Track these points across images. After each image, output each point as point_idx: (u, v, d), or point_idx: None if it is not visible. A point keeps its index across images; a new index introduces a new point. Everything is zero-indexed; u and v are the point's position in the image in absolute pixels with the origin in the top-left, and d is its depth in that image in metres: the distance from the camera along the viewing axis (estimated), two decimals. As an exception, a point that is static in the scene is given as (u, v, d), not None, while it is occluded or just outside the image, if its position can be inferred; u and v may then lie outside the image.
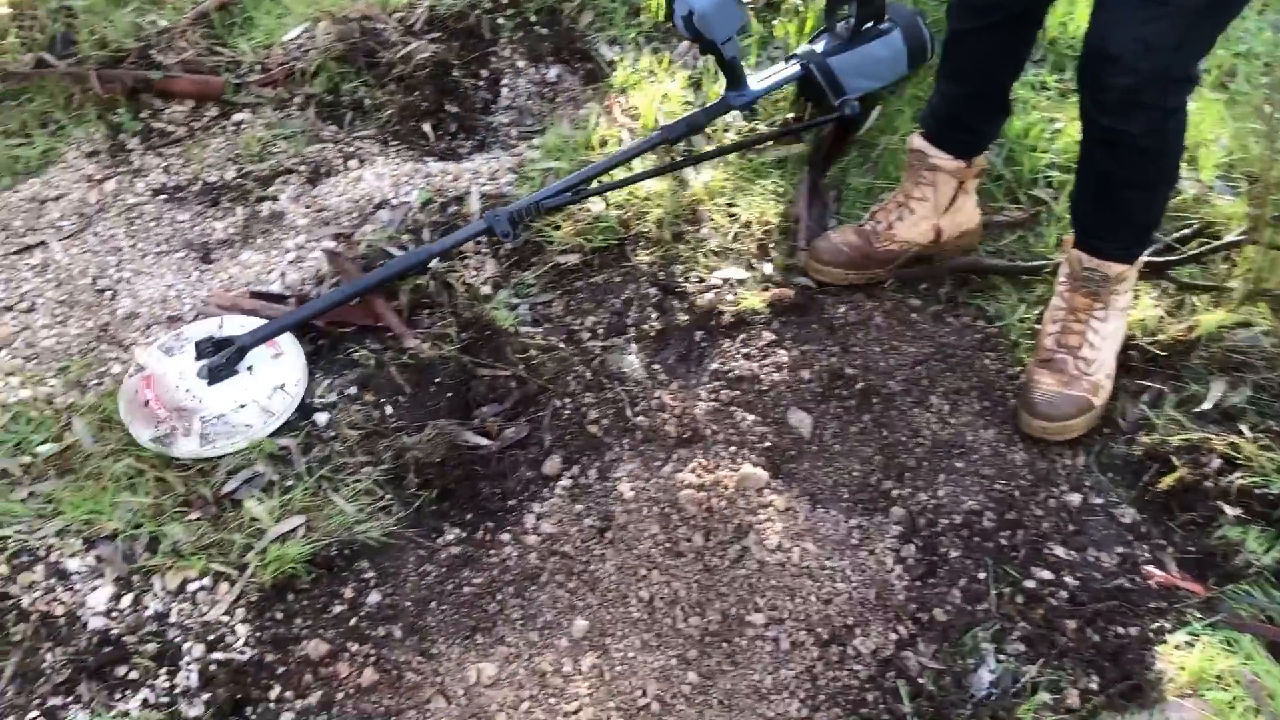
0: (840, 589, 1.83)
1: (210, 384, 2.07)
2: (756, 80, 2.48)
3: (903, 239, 2.26)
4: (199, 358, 2.10)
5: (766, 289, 2.27)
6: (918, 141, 2.22)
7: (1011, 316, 2.22)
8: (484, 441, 2.07)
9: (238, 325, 2.19)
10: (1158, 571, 1.82)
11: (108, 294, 2.41)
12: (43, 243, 2.53)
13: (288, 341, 2.18)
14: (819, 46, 2.55)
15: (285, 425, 2.09)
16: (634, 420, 2.08)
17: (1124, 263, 1.98)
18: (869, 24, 2.53)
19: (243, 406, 2.06)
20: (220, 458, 2.02)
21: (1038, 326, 2.20)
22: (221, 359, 2.08)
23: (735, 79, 2.39)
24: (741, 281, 2.31)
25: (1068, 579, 1.80)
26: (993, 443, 2.00)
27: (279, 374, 2.12)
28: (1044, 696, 1.65)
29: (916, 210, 2.25)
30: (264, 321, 2.18)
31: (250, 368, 2.11)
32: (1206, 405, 2.01)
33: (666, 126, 2.41)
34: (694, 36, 2.23)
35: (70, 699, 1.70)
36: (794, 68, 2.53)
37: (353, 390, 2.16)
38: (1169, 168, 1.90)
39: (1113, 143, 1.84)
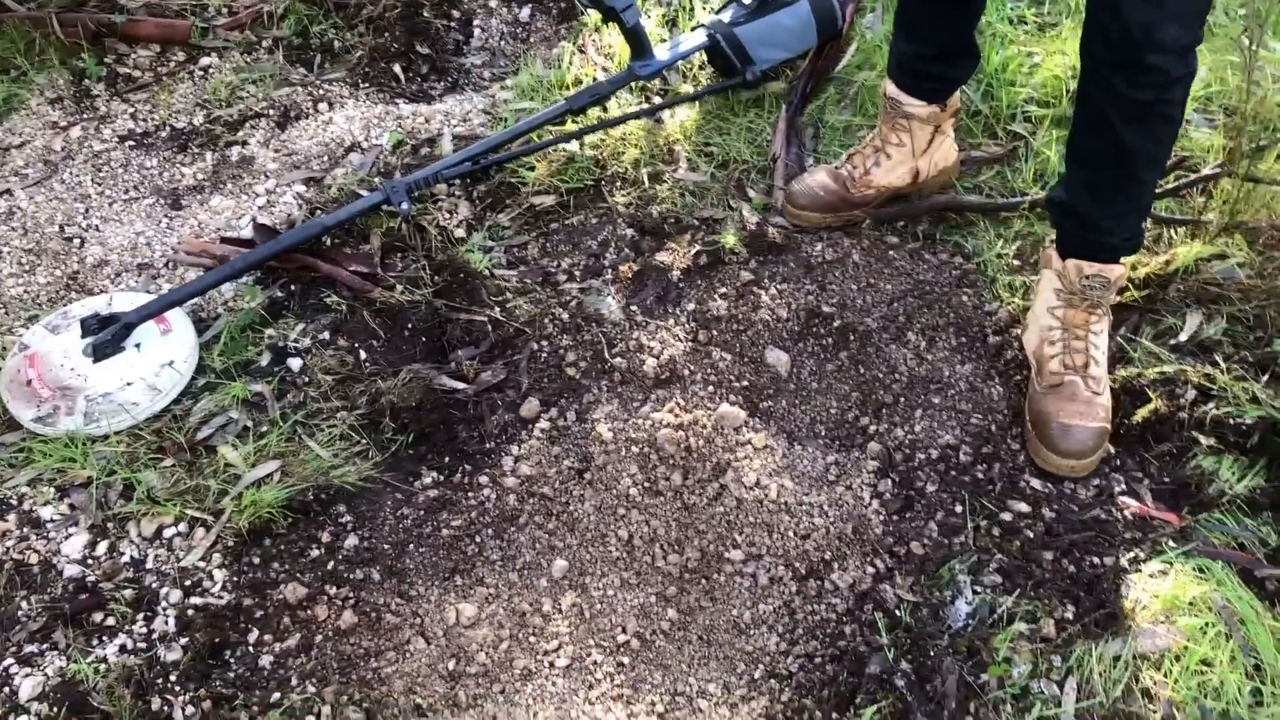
0: (818, 524, 1.84)
1: (95, 361, 2.01)
2: (664, 50, 2.47)
3: (880, 184, 2.24)
4: (84, 335, 2.03)
5: (744, 229, 2.26)
6: (891, 89, 2.19)
7: (989, 253, 2.21)
8: (460, 385, 2.05)
9: (127, 302, 2.14)
10: (1133, 502, 1.83)
11: (76, 241, 2.37)
12: (7, 190, 2.49)
13: (178, 318, 2.13)
14: (726, 16, 2.53)
15: (259, 370, 2.07)
16: (612, 362, 2.07)
17: (1125, 258, 1.92)
18: None
19: (129, 384, 2.00)
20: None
21: (1015, 263, 2.20)
22: (107, 336, 2.01)
23: (640, 48, 2.38)
24: (719, 221, 2.29)
25: (1044, 511, 1.81)
26: (969, 378, 2.00)
27: (168, 351, 2.06)
28: (1020, 627, 1.66)
29: (893, 155, 2.23)
30: (151, 298, 2.12)
31: (138, 345, 2.05)
32: (1182, 337, 2.01)
33: (570, 97, 2.41)
34: (594, 4, 2.23)
35: (46, 645, 1.70)
36: (701, 37, 2.51)
37: (325, 335, 2.14)
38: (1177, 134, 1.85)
39: (1146, 115, 1.74)
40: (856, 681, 1.62)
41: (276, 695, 1.65)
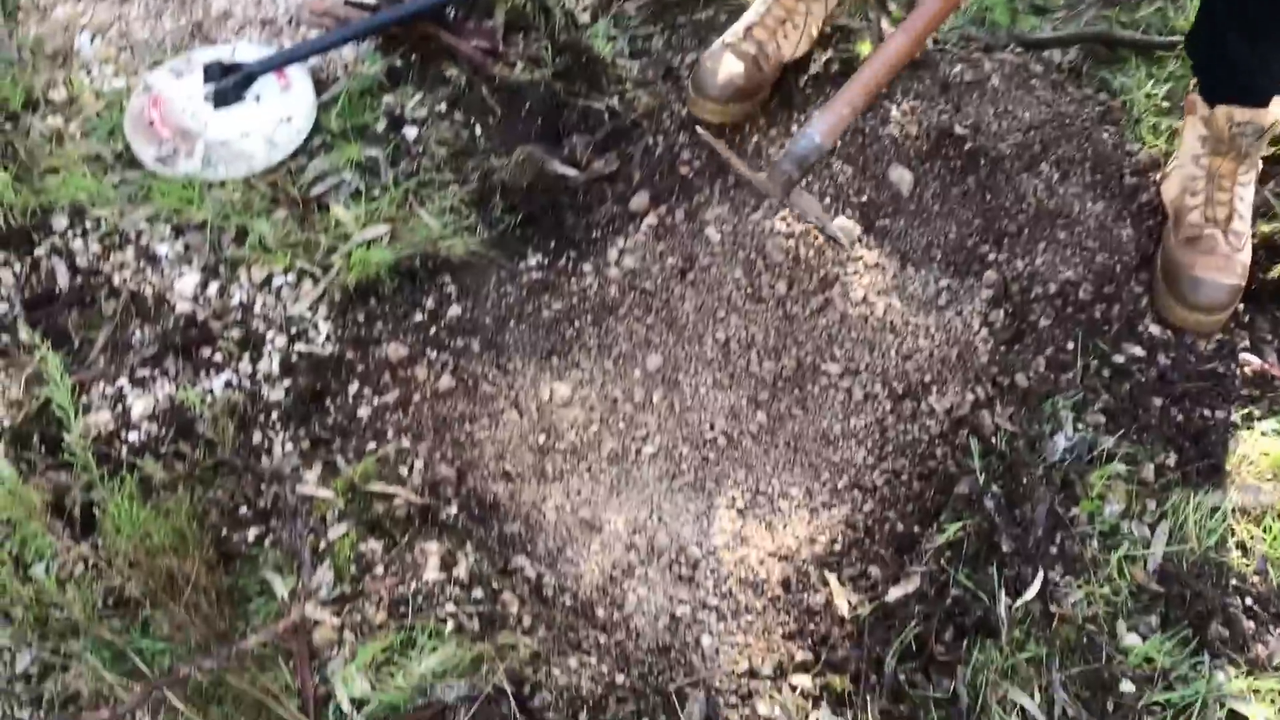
0: (922, 346, 1.80)
1: (216, 108, 2.03)
2: None
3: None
4: (207, 81, 2.05)
5: (879, 41, 2.15)
6: None
7: (1138, 91, 2.09)
8: (572, 171, 2.02)
9: (250, 54, 2.13)
10: (1255, 359, 1.76)
11: (201, -9, 2.35)
12: (136, -65, 2.46)
13: (298, 75, 2.11)
14: None
15: (374, 136, 2.06)
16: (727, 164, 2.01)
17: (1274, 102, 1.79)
18: None
19: (247, 135, 2.01)
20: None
21: (1165, 105, 2.07)
22: (228, 84, 2.03)
23: None
24: (855, 31, 2.18)
25: (1160, 358, 1.75)
26: (1099, 216, 1.91)
27: (287, 107, 2.06)
28: (1118, 467, 1.63)
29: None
30: (273, 51, 2.12)
31: (258, 97, 2.06)
32: (1334, 197, 1.89)
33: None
34: None
35: (158, 372, 1.76)
36: None
37: (442, 107, 2.11)
38: None
39: None
40: (943, 500, 1.62)
41: (372, 445, 1.70)
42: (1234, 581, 1.55)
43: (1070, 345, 1.77)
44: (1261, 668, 1.48)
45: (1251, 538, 1.58)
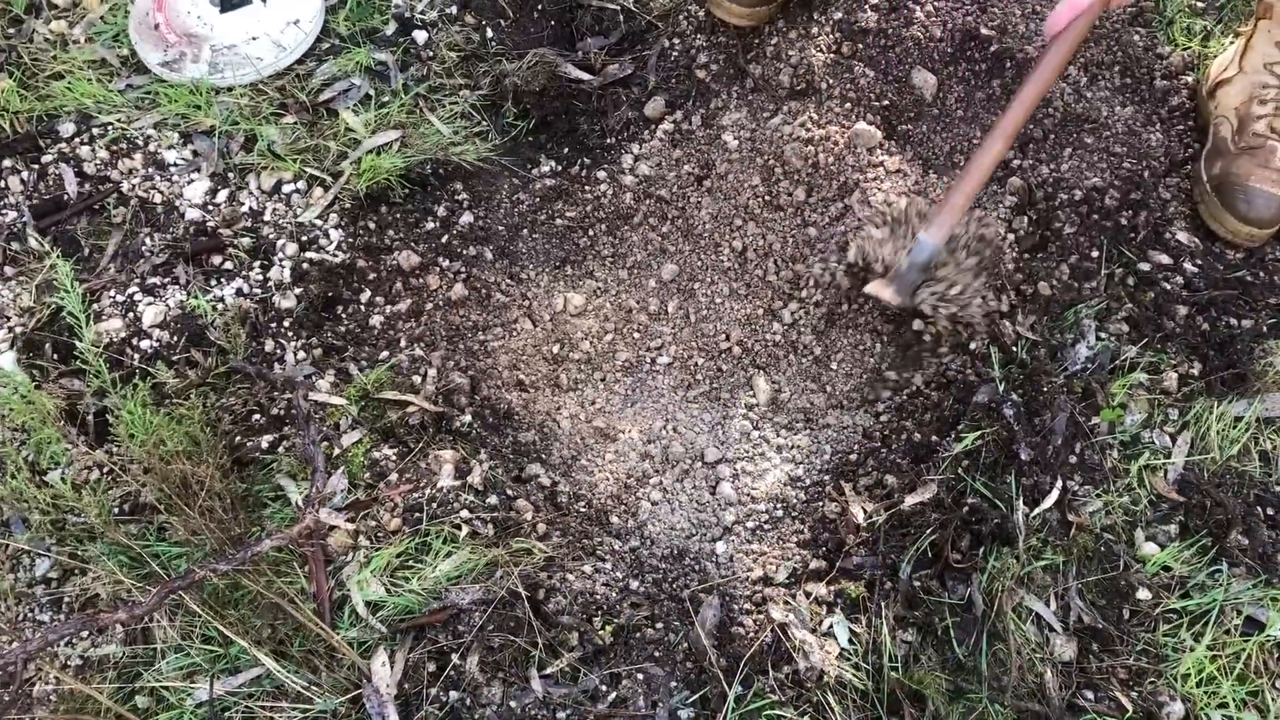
0: (943, 254, 1.77)
1: (222, 12, 1.99)
2: None
3: None
4: None
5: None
6: None
7: (1172, -8, 2.01)
8: (586, 75, 1.97)
9: None
10: (1284, 268, 1.72)
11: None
12: None
13: None
14: None
15: (383, 39, 2.01)
16: (745, 68, 1.96)
17: None
18: None
19: (254, 39, 1.97)
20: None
21: (1200, 4, 2.00)
22: None
23: None
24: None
25: (1186, 265, 1.71)
26: (1129, 120, 1.85)
27: (294, 9, 2.00)
28: (1141, 376, 1.60)
29: None
30: None
31: (265, 0, 2.01)
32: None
33: None
34: None
35: (168, 280, 1.74)
36: None
37: (453, 10, 2.06)
38: None
39: None
40: (961, 409, 1.59)
41: (385, 353, 1.68)
42: (1255, 491, 1.53)
43: (1095, 253, 1.73)
44: (1280, 576, 1.47)
45: (1275, 447, 1.55)
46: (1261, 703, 1.38)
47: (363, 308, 1.74)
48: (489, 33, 2.03)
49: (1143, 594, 1.45)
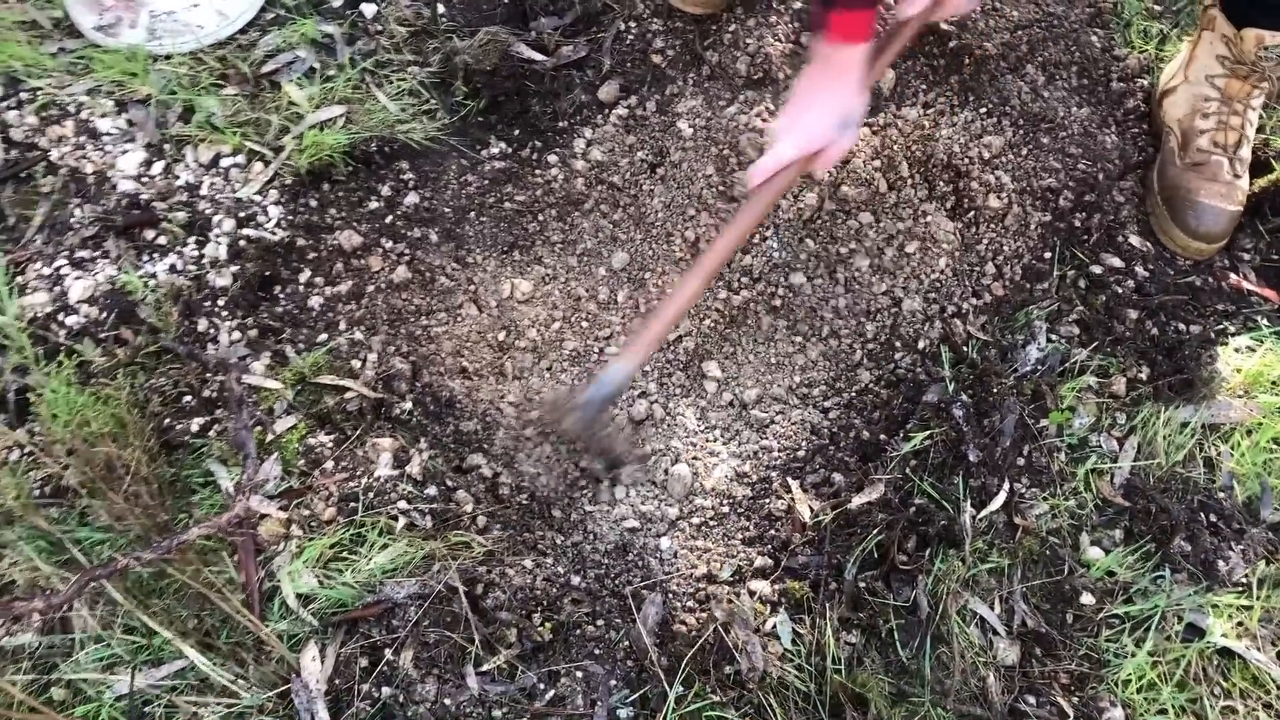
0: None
1: None
2: None
3: None
4: None
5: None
6: None
7: (1130, -6, 2.01)
8: (539, 56, 1.93)
9: None
10: (1232, 274, 1.72)
11: None
12: None
13: None
14: None
15: (330, 11, 1.95)
16: (702, 55, 1.93)
17: None
18: None
19: (196, 5, 1.90)
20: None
21: (1156, 8, 2.00)
22: None
23: None
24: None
25: (1138, 269, 1.71)
26: (1084, 122, 1.85)
27: None
28: (1090, 380, 1.59)
29: None
30: None
31: None
32: (1324, 112, 1.84)
33: None
34: None
35: (98, 254, 1.67)
36: None
37: (404, -16, 2.00)
38: None
39: None
40: (910, 407, 1.58)
41: (324, 336, 1.63)
42: (1199, 497, 1.53)
43: (1047, 254, 1.72)
44: (1221, 583, 1.47)
45: (1219, 454, 1.56)
46: (1200, 710, 1.38)
47: (301, 288, 1.68)
48: (440, 8, 1.97)
49: (1086, 598, 1.44)
